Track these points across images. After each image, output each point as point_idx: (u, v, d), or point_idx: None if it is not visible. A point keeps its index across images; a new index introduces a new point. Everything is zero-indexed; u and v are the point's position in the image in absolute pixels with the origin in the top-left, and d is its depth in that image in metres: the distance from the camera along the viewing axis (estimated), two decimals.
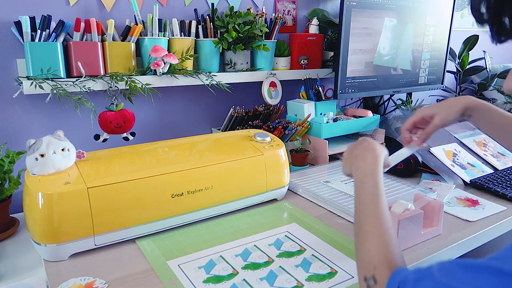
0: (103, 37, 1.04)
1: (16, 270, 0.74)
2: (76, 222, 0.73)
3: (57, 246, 0.72)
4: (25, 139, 0.77)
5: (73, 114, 1.10)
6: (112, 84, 1.02)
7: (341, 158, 1.31)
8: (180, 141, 1.02)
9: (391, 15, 1.36)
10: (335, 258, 0.74)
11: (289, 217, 0.92)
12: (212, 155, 0.92)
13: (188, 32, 1.17)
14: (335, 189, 1.03)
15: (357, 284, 0.67)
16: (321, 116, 1.32)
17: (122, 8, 1.12)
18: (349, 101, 1.68)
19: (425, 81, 1.58)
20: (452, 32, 1.59)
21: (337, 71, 1.29)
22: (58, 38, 0.98)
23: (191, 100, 1.30)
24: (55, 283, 0.67)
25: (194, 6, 1.22)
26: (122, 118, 1.03)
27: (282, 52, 1.35)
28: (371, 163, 0.66)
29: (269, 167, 0.95)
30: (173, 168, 0.83)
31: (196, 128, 1.34)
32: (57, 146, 0.77)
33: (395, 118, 1.50)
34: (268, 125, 1.25)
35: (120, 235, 0.79)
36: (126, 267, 0.72)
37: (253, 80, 1.29)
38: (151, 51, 1.07)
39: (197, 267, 0.72)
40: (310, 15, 1.46)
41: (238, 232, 0.85)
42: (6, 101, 1.02)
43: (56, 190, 0.71)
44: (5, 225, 0.87)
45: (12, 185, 0.87)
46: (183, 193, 0.83)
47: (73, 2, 1.04)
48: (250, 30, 1.20)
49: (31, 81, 0.93)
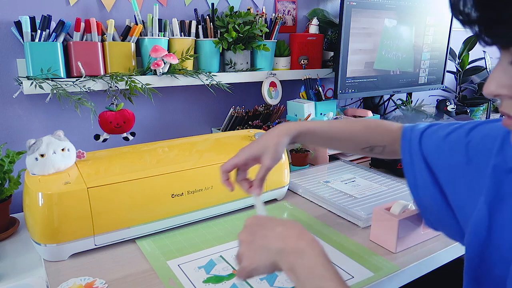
0: (103, 37, 1.04)
1: (16, 270, 0.74)
2: (76, 222, 0.73)
3: (57, 246, 0.72)
4: (25, 139, 0.77)
5: (73, 114, 1.10)
6: (112, 84, 1.02)
7: (341, 158, 1.31)
8: (180, 141, 1.02)
9: (391, 15, 1.36)
10: (335, 258, 0.74)
11: (289, 217, 0.91)
12: (212, 155, 0.92)
13: (188, 32, 1.17)
14: (335, 189, 1.03)
15: (357, 284, 0.67)
16: (321, 116, 1.32)
17: (122, 8, 1.12)
18: (349, 101, 1.68)
19: (425, 81, 1.58)
20: (452, 32, 1.59)
21: (337, 71, 1.29)
22: (58, 38, 0.98)
23: (191, 100, 1.30)
24: (55, 283, 0.67)
25: (194, 6, 1.22)
26: (122, 118, 1.03)
27: (282, 52, 1.35)
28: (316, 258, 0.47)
29: None
30: (173, 168, 0.83)
31: (196, 128, 1.34)
32: (57, 146, 0.77)
33: (395, 118, 1.50)
34: (268, 125, 1.25)
35: (120, 235, 0.79)
36: (126, 267, 0.72)
37: (253, 80, 1.29)
38: (151, 51, 1.07)
39: (197, 267, 0.72)
40: (310, 15, 1.46)
41: (238, 232, 0.85)
42: (6, 101, 1.02)
43: (56, 190, 0.71)
44: (5, 225, 0.87)
45: (12, 185, 0.87)
46: (183, 193, 0.83)
47: (73, 2, 1.04)
48: (250, 30, 1.20)
49: (31, 81, 0.93)
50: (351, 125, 0.75)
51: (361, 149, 0.75)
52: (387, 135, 0.74)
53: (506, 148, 0.54)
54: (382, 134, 0.74)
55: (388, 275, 0.69)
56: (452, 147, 0.63)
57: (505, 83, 0.38)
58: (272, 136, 0.69)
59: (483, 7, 0.35)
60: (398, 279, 0.72)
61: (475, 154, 0.59)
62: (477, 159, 0.58)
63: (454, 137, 0.64)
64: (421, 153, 0.67)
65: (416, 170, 0.67)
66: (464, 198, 0.59)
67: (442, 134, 0.66)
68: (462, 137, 0.62)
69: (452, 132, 0.65)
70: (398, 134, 0.72)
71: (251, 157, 0.68)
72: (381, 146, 0.74)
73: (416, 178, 0.67)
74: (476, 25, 0.36)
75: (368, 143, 0.74)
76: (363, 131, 0.74)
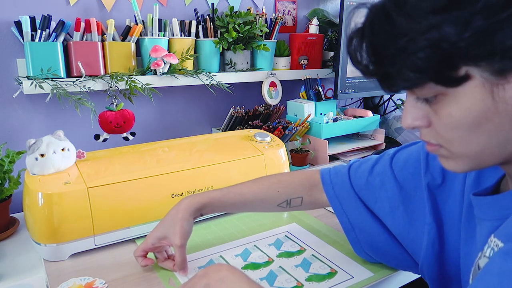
0: (103, 37, 1.04)
1: (16, 270, 0.74)
2: (76, 222, 0.73)
3: (57, 246, 0.72)
4: (25, 139, 0.77)
5: (73, 114, 1.10)
6: (112, 84, 1.03)
7: (341, 158, 1.31)
8: (180, 141, 1.02)
9: None
10: (335, 258, 0.74)
11: (289, 217, 0.92)
12: (212, 155, 0.92)
13: (188, 32, 1.17)
14: None
15: (357, 284, 0.67)
16: (321, 116, 1.32)
17: (122, 8, 1.12)
18: (349, 101, 1.68)
19: None
20: None
21: (337, 71, 1.29)
22: (58, 38, 0.98)
23: (191, 100, 1.30)
24: (55, 283, 0.67)
25: (194, 6, 1.22)
26: (122, 118, 1.03)
27: (282, 52, 1.35)
28: (239, 279, 0.48)
29: (269, 167, 0.95)
30: (173, 168, 0.83)
31: (196, 128, 1.34)
32: (57, 146, 0.77)
33: (395, 118, 1.50)
34: (268, 125, 1.25)
35: (120, 235, 0.79)
36: (126, 267, 0.72)
37: (253, 80, 1.29)
38: (151, 51, 1.07)
39: (197, 267, 0.72)
40: (310, 15, 1.46)
41: (238, 232, 0.85)
42: (6, 101, 1.02)
43: (56, 190, 0.71)
44: (5, 225, 0.87)
45: (12, 185, 0.86)
46: (183, 193, 0.83)
47: (73, 2, 1.04)
48: (250, 30, 1.20)
49: (31, 81, 0.93)
50: (262, 184, 0.72)
51: (278, 206, 0.72)
52: (302, 184, 0.72)
53: (431, 166, 0.58)
54: (297, 184, 0.72)
55: (388, 275, 0.69)
56: (381, 178, 0.64)
57: (417, 116, 0.42)
58: (174, 215, 0.67)
59: (375, 64, 0.40)
60: (398, 279, 0.72)
61: (404, 180, 0.62)
62: (408, 184, 0.61)
63: (379, 169, 0.65)
64: (353, 191, 0.67)
65: (349, 210, 0.68)
66: (407, 225, 0.61)
67: (367, 167, 0.67)
68: (387, 166, 0.64)
69: (375, 164, 0.66)
70: (315, 180, 0.72)
71: (158, 239, 0.68)
72: (299, 198, 0.72)
73: (350, 219, 0.68)
74: (375, 76, 0.41)
75: (283, 198, 0.72)
76: (276, 186, 0.71)
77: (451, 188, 0.56)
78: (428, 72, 0.37)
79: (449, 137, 0.41)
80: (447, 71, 0.36)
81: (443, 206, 0.57)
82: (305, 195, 0.72)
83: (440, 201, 0.57)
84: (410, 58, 0.36)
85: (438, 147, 0.43)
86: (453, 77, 0.37)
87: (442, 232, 0.57)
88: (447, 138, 0.41)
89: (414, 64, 0.36)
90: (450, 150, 0.42)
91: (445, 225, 0.57)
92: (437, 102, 0.40)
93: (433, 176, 0.58)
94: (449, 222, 0.56)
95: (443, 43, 0.35)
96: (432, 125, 0.42)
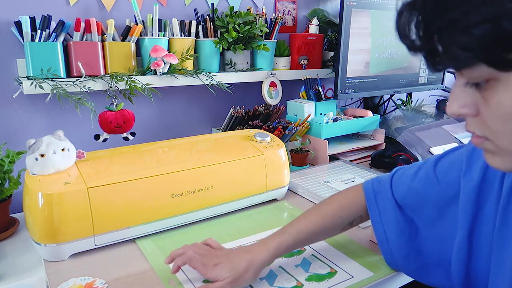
0: (103, 37, 1.04)
1: (16, 270, 0.74)
2: (76, 222, 0.73)
3: (57, 246, 0.72)
4: (25, 139, 0.77)
5: (73, 114, 1.10)
6: (112, 84, 1.03)
7: (341, 158, 1.31)
8: (180, 141, 1.02)
9: (391, 15, 1.36)
10: (335, 258, 0.74)
11: (289, 217, 0.91)
12: (212, 155, 0.92)
13: (188, 32, 1.17)
14: (335, 189, 1.03)
15: (357, 284, 0.67)
16: (321, 116, 1.32)
17: (122, 8, 1.12)
18: (349, 101, 1.68)
19: (425, 81, 1.58)
20: None
21: (337, 71, 1.29)
22: (58, 38, 0.98)
23: (191, 100, 1.30)
24: (55, 283, 0.67)
25: (194, 6, 1.22)
26: (122, 118, 1.03)
27: (282, 52, 1.35)
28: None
29: (269, 167, 0.95)
30: (173, 168, 0.83)
31: (196, 128, 1.34)
32: (57, 146, 0.77)
33: (395, 118, 1.50)
34: (268, 125, 1.25)
35: (120, 235, 0.79)
36: (126, 267, 0.72)
37: (253, 80, 1.29)
38: (151, 51, 1.07)
39: None
40: (310, 15, 1.46)
41: (238, 232, 0.85)
42: (6, 101, 1.02)
43: (56, 190, 0.71)
44: (5, 225, 0.87)
45: (12, 185, 0.87)
46: (183, 193, 0.83)
47: (73, 2, 1.04)
48: (250, 30, 1.20)
49: (31, 81, 0.93)
50: (325, 215, 0.70)
51: (341, 230, 0.72)
52: (359, 203, 0.71)
53: (472, 168, 0.56)
54: (356, 205, 0.71)
55: (388, 275, 0.69)
56: (424, 183, 0.63)
57: (465, 103, 0.38)
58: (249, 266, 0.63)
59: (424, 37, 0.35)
60: (398, 279, 0.72)
61: (448, 184, 0.60)
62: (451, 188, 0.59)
63: (423, 174, 0.64)
64: (394, 199, 0.67)
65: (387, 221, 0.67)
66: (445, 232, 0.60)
67: (410, 173, 0.66)
68: (431, 172, 0.63)
69: (419, 170, 0.65)
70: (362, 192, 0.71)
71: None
72: (358, 217, 0.71)
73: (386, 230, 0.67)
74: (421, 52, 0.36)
75: (346, 222, 0.71)
76: (338, 214, 0.70)
77: (489, 191, 0.53)
78: (480, 52, 0.32)
79: (497, 130, 0.37)
80: (503, 52, 0.32)
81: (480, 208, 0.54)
82: (363, 212, 0.71)
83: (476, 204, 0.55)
84: (461, 33, 0.32)
85: (484, 140, 0.39)
86: (509, 60, 0.32)
87: (472, 237, 0.55)
88: (495, 131, 0.37)
89: (465, 42, 0.32)
90: (497, 145, 0.38)
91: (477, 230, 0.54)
92: (488, 88, 0.35)
93: (471, 177, 0.55)
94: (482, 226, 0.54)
95: (503, 20, 0.30)
96: (480, 114, 0.37)
